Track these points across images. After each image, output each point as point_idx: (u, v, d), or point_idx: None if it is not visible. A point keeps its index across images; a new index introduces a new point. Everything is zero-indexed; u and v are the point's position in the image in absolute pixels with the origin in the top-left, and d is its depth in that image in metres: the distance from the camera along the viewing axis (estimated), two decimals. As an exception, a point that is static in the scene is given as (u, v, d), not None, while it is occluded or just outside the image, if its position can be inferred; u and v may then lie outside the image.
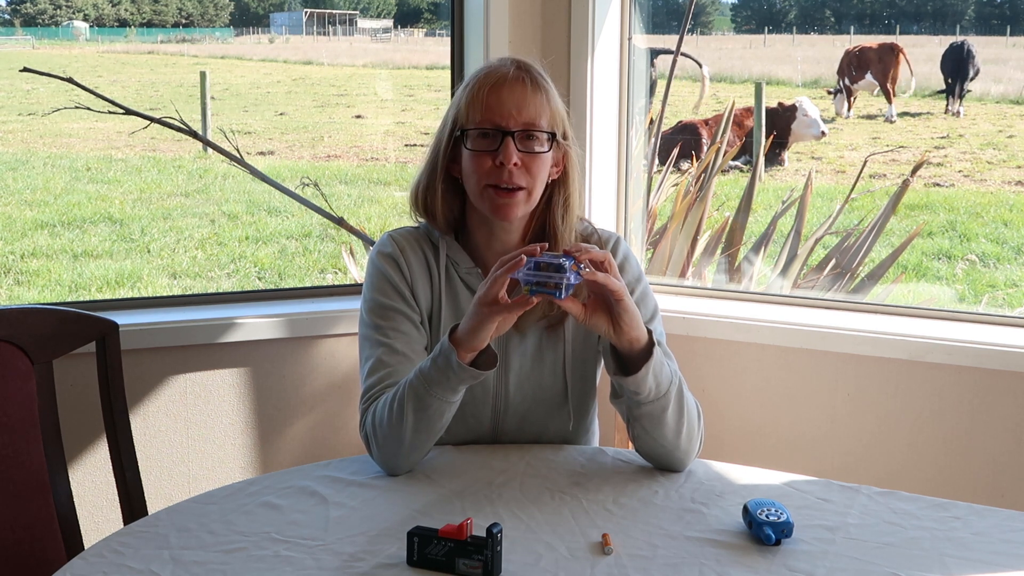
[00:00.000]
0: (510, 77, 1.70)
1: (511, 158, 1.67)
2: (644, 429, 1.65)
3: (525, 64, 1.74)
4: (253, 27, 13.40)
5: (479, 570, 1.33)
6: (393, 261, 1.77)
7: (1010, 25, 10.35)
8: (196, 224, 7.80)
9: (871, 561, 1.38)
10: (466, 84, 1.74)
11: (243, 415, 2.46)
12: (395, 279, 1.76)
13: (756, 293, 2.81)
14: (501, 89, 1.69)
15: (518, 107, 1.68)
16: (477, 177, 1.70)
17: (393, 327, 1.73)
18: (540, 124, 1.70)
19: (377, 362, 1.71)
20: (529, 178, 1.70)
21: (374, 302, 1.76)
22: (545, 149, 1.71)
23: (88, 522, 2.21)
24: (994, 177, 8.16)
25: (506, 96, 1.68)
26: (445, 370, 1.58)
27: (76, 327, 1.89)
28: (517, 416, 1.79)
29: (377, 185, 8.87)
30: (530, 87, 1.70)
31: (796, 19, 11.41)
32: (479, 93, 1.69)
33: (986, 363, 2.26)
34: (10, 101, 11.35)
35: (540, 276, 1.51)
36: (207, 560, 1.38)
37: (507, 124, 1.68)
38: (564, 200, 1.76)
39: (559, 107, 1.74)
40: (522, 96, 1.69)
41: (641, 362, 1.59)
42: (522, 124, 1.69)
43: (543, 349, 1.79)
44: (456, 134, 1.73)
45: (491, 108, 1.68)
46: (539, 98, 1.70)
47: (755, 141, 6.75)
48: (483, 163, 1.69)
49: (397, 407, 1.62)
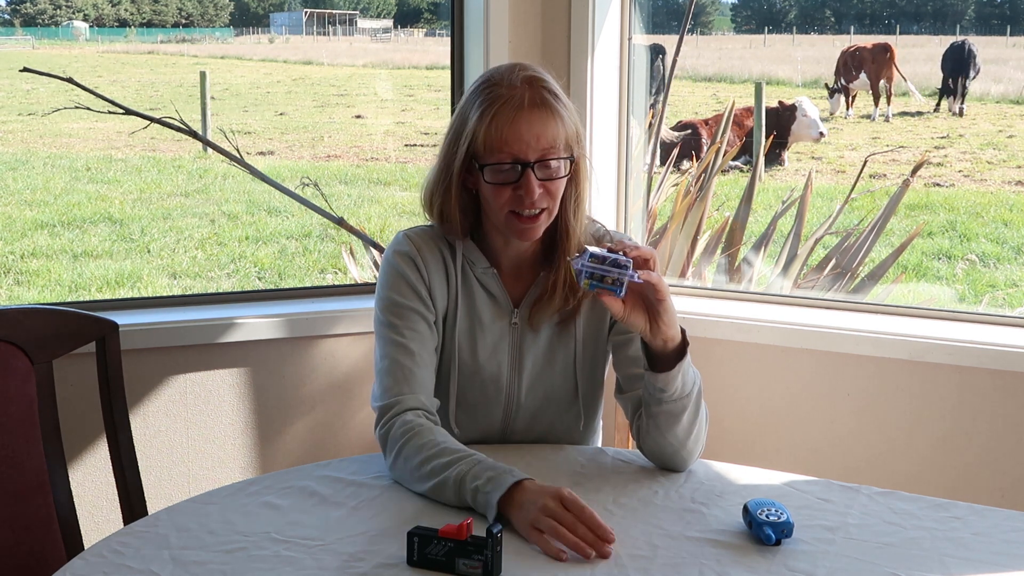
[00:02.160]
0: (527, 105, 1.65)
1: (534, 192, 1.65)
2: (657, 426, 1.65)
3: (537, 81, 1.69)
4: (253, 27, 13.41)
5: (479, 570, 1.33)
6: (410, 260, 1.76)
7: (1010, 25, 10.35)
8: (196, 224, 7.81)
9: (871, 561, 1.38)
10: (479, 108, 1.67)
11: (243, 415, 2.46)
12: (412, 278, 1.75)
13: (756, 293, 2.80)
14: (519, 121, 1.64)
15: (536, 137, 1.65)
16: (499, 205, 1.68)
17: (409, 326, 1.72)
18: (558, 150, 1.68)
19: (393, 363, 1.70)
20: (551, 200, 1.69)
21: (390, 300, 1.75)
22: (564, 174, 1.70)
23: (88, 522, 2.21)
24: (994, 177, 8.16)
25: (524, 128, 1.64)
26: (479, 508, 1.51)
27: (76, 327, 1.89)
28: (528, 414, 1.80)
29: (377, 185, 8.88)
30: (546, 112, 1.66)
31: (796, 19, 11.41)
32: (497, 128, 1.65)
33: (986, 363, 2.26)
34: (10, 101, 11.36)
35: (600, 269, 1.50)
36: (207, 560, 1.38)
37: (527, 156, 1.65)
38: (576, 198, 1.75)
39: (573, 122, 1.71)
40: (540, 126, 1.65)
41: (674, 361, 1.60)
42: (540, 152, 1.66)
43: (555, 348, 1.79)
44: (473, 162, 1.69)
45: (510, 143, 1.64)
46: (555, 124, 1.67)
47: (755, 141, 6.75)
48: (504, 193, 1.67)
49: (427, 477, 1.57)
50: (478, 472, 1.52)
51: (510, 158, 1.65)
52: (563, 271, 1.74)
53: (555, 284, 1.75)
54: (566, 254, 1.73)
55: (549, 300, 1.75)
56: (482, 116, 1.66)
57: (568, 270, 1.73)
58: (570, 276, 1.73)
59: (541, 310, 1.76)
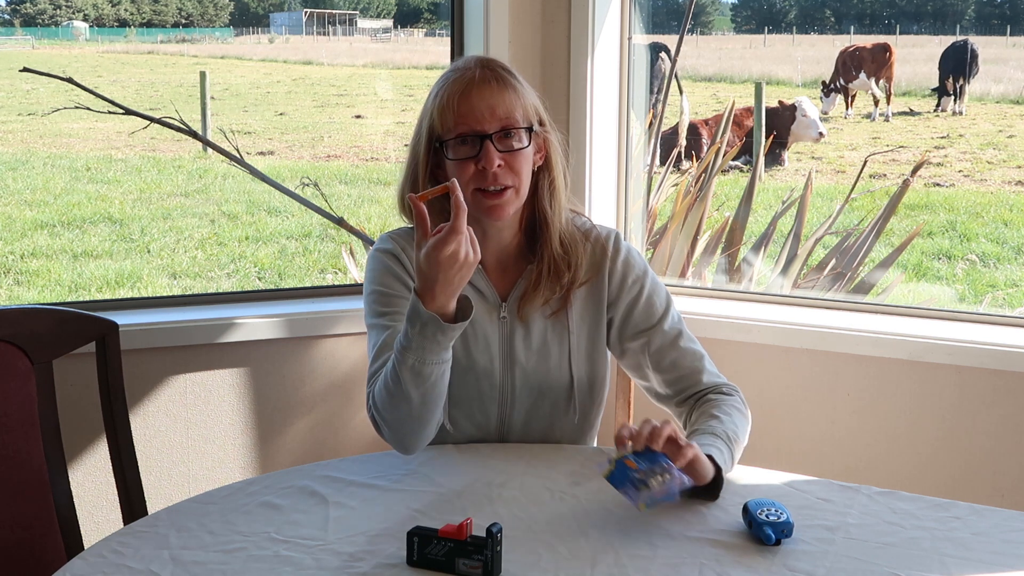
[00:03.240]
0: (477, 79, 1.70)
1: (493, 162, 1.68)
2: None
3: (488, 62, 1.75)
4: (253, 27, 13.40)
5: (479, 570, 1.33)
6: (394, 256, 1.79)
7: (1010, 25, 10.35)
8: (196, 224, 7.80)
9: (871, 561, 1.38)
10: (434, 92, 1.74)
11: (243, 415, 2.46)
12: (396, 270, 1.78)
13: (756, 293, 2.81)
14: (471, 93, 1.69)
15: (491, 108, 1.69)
16: (464, 183, 1.70)
17: (396, 311, 1.74)
18: (515, 120, 1.71)
19: (383, 345, 1.72)
20: (514, 176, 1.71)
21: (376, 292, 1.78)
22: (525, 144, 1.72)
23: (88, 522, 2.21)
24: (994, 177, 8.16)
25: (476, 100, 1.69)
26: (434, 336, 1.55)
27: (76, 327, 1.89)
28: (523, 410, 1.80)
29: (377, 185, 8.87)
30: (498, 85, 1.70)
31: (796, 19, 11.42)
32: (450, 101, 1.69)
33: (986, 363, 2.26)
34: (10, 101, 11.36)
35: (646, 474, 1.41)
36: (207, 560, 1.38)
37: (483, 127, 1.69)
38: (550, 184, 1.78)
39: (531, 98, 1.75)
40: (492, 96, 1.69)
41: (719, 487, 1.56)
42: (498, 124, 1.69)
43: (548, 342, 1.79)
44: (436, 145, 1.73)
45: (464, 114, 1.69)
46: (509, 94, 1.71)
47: (755, 141, 6.75)
48: (467, 169, 1.70)
49: (395, 388, 1.60)
50: (402, 336, 1.58)
51: (468, 130, 1.69)
52: (547, 260, 1.76)
53: (539, 275, 1.77)
54: (548, 244, 1.76)
55: (536, 291, 1.77)
56: (437, 96, 1.72)
57: (552, 261, 1.76)
58: (554, 266, 1.76)
59: (529, 302, 1.77)
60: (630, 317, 1.81)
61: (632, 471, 1.41)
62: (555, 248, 1.77)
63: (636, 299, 1.81)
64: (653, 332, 1.80)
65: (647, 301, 1.81)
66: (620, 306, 1.81)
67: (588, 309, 1.81)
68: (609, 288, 1.81)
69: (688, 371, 1.79)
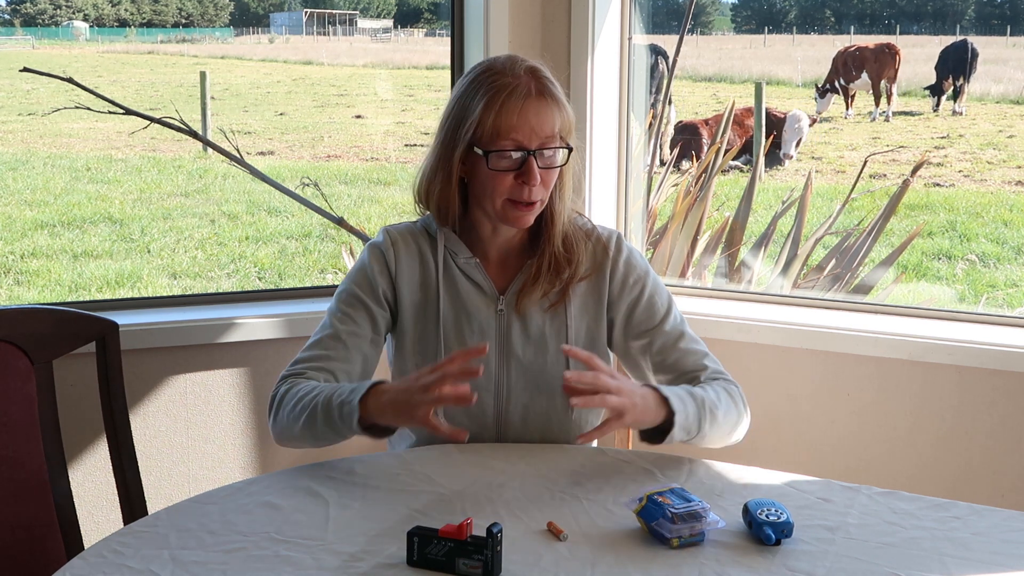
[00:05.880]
0: (534, 94, 1.70)
1: (535, 179, 1.70)
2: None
3: (537, 72, 1.73)
4: (253, 27, 13.41)
5: (479, 570, 1.33)
6: (381, 255, 1.80)
7: (1010, 25, 10.36)
8: (196, 224, 7.81)
9: (871, 561, 1.38)
10: (480, 94, 1.71)
11: (243, 415, 2.46)
12: (374, 271, 1.79)
13: (756, 293, 2.80)
14: (527, 111, 1.69)
15: (540, 125, 1.70)
16: (497, 193, 1.71)
17: (349, 316, 1.77)
18: (557, 139, 1.72)
19: (318, 341, 1.77)
20: (545, 190, 1.73)
21: (346, 290, 1.81)
22: (562, 162, 1.74)
23: (88, 522, 2.21)
24: (994, 177, 8.17)
25: (531, 116, 1.69)
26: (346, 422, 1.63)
27: (76, 327, 1.89)
28: (520, 404, 1.79)
29: (377, 185, 8.88)
30: (549, 102, 1.71)
31: (796, 19, 11.43)
32: (504, 114, 1.69)
33: (986, 363, 2.26)
34: (10, 101, 11.36)
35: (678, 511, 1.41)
36: (207, 560, 1.38)
37: (529, 143, 1.70)
38: (562, 186, 1.79)
39: (569, 112, 1.76)
40: (543, 113, 1.70)
41: (668, 429, 1.66)
42: (541, 141, 1.70)
43: (546, 336, 1.80)
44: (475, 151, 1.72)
45: (515, 128, 1.69)
46: (555, 112, 1.72)
47: (755, 141, 6.76)
48: (504, 181, 1.71)
49: (301, 416, 1.68)
50: (342, 391, 1.64)
51: (514, 145, 1.69)
52: (548, 257, 1.77)
53: (539, 269, 1.77)
54: (550, 241, 1.78)
55: (535, 285, 1.78)
56: (488, 104, 1.70)
57: (552, 257, 1.77)
58: (555, 262, 1.77)
59: (527, 296, 1.78)
60: (632, 317, 1.81)
61: (665, 507, 1.42)
62: (557, 245, 1.77)
63: (638, 299, 1.81)
64: (655, 333, 1.80)
65: (648, 301, 1.81)
66: (621, 306, 1.81)
67: (588, 305, 1.81)
68: (610, 287, 1.81)
69: (691, 371, 1.79)
